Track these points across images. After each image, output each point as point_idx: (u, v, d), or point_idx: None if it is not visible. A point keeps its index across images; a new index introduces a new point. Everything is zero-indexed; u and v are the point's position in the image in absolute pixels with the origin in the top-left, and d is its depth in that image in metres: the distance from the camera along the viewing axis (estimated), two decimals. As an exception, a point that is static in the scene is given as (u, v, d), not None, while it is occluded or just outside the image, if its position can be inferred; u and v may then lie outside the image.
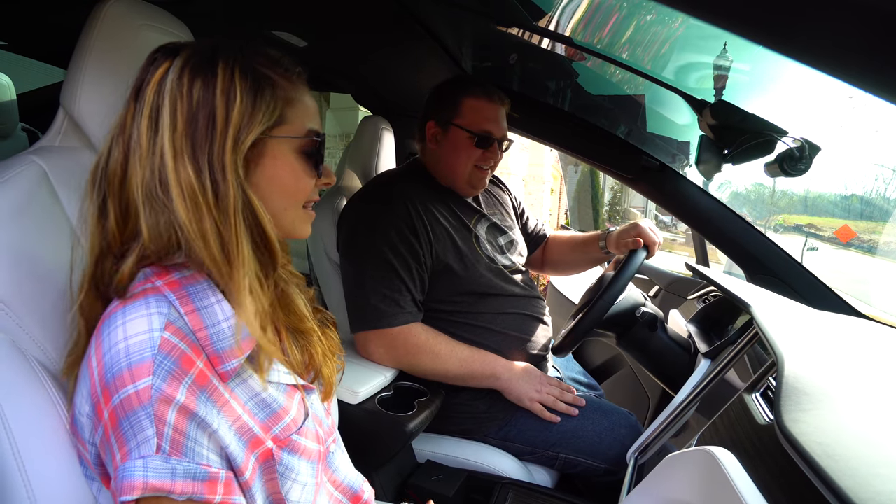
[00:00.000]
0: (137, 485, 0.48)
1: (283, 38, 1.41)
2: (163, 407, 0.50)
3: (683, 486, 0.74)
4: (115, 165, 0.57)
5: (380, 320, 1.24)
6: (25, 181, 0.66)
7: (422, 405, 1.18)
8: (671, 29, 1.22)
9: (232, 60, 0.57)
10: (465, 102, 1.33)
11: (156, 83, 0.55)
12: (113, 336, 0.52)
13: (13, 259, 0.62)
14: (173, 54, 0.57)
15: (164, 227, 0.55)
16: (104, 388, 0.50)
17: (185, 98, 0.55)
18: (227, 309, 0.58)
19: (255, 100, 0.58)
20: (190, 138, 0.55)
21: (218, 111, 0.56)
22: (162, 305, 0.54)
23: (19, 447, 0.56)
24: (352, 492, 0.77)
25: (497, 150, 1.35)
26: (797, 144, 1.13)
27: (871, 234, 3.76)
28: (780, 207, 4.88)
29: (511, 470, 1.25)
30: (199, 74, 0.56)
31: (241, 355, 0.57)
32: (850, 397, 0.65)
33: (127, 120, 0.57)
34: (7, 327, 0.61)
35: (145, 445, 0.49)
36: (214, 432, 0.53)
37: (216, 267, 0.55)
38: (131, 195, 0.56)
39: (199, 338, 0.55)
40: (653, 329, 1.28)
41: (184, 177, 0.54)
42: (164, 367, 0.51)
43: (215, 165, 0.55)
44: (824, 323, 1.00)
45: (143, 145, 0.55)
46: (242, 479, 0.55)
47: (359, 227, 1.32)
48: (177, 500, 0.50)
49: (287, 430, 0.62)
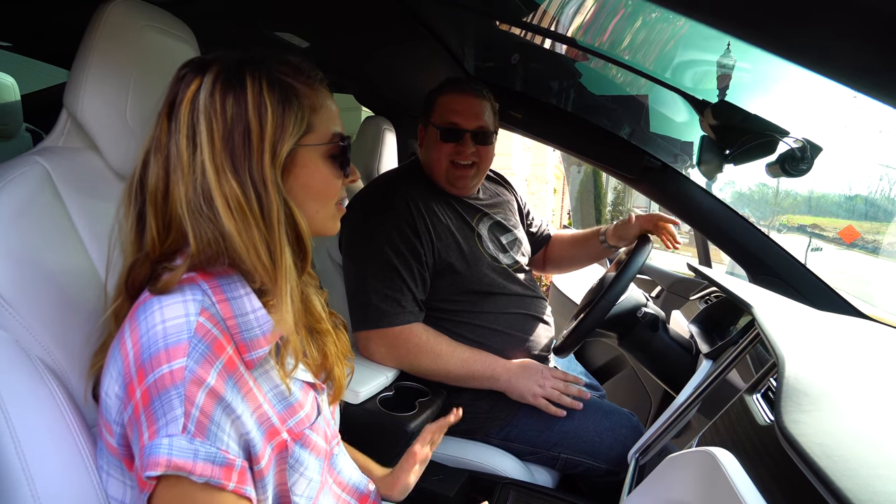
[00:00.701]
0: (161, 462, 0.50)
1: (285, 39, 1.41)
2: (193, 388, 0.52)
3: (684, 486, 0.74)
4: (155, 181, 0.58)
5: (381, 320, 1.24)
6: (29, 182, 0.67)
7: (423, 405, 1.19)
8: (673, 29, 1.22)
9: (258, 73, 0.59)
10: (438, 100, 1.35)
11: (189, 102, 0.57)
12: (150, 319, 0.54)
13: (17, 259, 0.63)
14: (202, 71, 0.59)
15: (211, 239, 0.57)
16: (139, 368, 0.52)
17: (220, 116, 0.57)
18: (254, 301, 0.60)
19: (284, 112, 0.60)
20: (229, 154, 0.57)
21: (252, 126, 0.58)
22: (196, 293, 0.56)
23: (22, 445, 0.57)
24: (358, 492, 0.78)
25: (469, 142, 1.32)
26: (799, 145, 1.13)
27: (876, 235, 3.75)
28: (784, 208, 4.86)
29: (512, 470, 1.26)
30: (229, 91, 0.58)
31: (267, 345, 0.60)
32: (851, 398, 0.65)
33: (162, 137, 0.59)
34: (10, 326, 0.61)
35: (173, 424, 0.51)
36: (238, 418, 0.55)
37: (266, 274, 0.58)
38: (174, 210, 0.58)
39: (229, 326, 0.57)
40: (654, 329, 1.28)
41: (228, 191, 0.56)
42: (199, 350, 0.53)
43: (256, 179, 0.58)
44: (826, 324, 1.00)
45: (183, 162, 0.57)
46: (258, 468, 0.57)
47: (361, 227, 1.33)
48: (195, 481, 0.51)
49: (301, 423, 0.64)
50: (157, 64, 0.79)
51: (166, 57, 0.81)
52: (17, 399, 0.58)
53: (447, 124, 1.32)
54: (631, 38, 1.34)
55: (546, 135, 1.84)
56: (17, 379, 0.59)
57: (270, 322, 0.60)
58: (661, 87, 1.36)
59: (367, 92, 2.07)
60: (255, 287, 0.61)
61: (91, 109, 0.73)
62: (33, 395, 0.59)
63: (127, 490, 0.59)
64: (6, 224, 0.63)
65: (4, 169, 0.67)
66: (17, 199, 0.65)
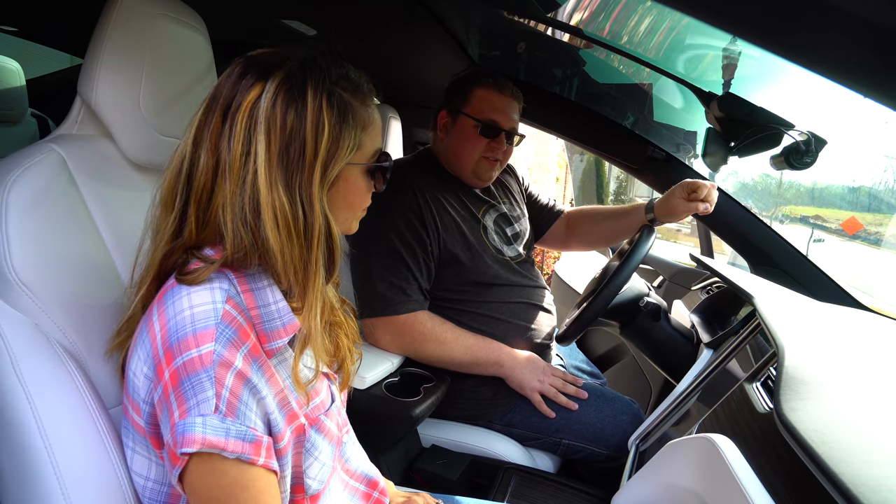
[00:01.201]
0: (197, 439, 0.52)
1: (292, 27, 1.41)
2: (222, 371, 0.54)
3: (683, 472, 0.76)
4: (202, 178, 0.59)
5: (386, 308, 1.26)
6: (45, 169, 0.68)
7: (428, 391, 1.21)
8: (679, 19, 1.21)
9: (321, 87, 0.59)
10: (475, 92, 1.34)
11: (248, 108, 0.57)
12: (178, 304, 0.56)
13: (34, 245, 0.64)
14: (264, 75, 0.58)
15: (248, 246, 0.58)
16: (167, 351, 0.54)
17: (279, 128, 0.57)
18: (276, 293, 0.62)
19: (340, 132, 0.60)
20: (283, 168, 0.58)
21: (308, 142, 0.58)
22: (223, 282, 0.58)
23: (45, 426, 0.58)
24: (368, 478, 0.80)
25: (503, 141, 1.35)
26: (803, 138, 1.13)
27: (878, 227, 3.74)
28: (787, 199, 4.85)
29: (514, 455, 1.28)
30: (292, 103, 0.58)
31: (286, 337, 0.62)
32: (848, 387, 0.66)
33: (213, 137, 0.58)
34: (30, 311, 0.63)
35: (205, 405, 0.53)
36: (262, 398, 0.57)
37: (296, 286, 0.60)
38: (215, 210, 0.59)
39: (252, 315, 0.59)
40: (656, 319, 1.29)
41: (279, 205, 0.57)
42: (226, 335, 0.55)
43: (304, 196, 0.58)
44: (826, 315, 1.02)
45: (234, 167, 0.57)
46: (278, 447, 0.59)
47: (367, 216, 1.33)
48: (227, 457, 0.53)
49: (316, 409, 0.66)
50: (168, 53, 0.80)
51: (178, 46, 0.82)
52: (39, 381, 0.60)
53: (488, 120, 1.32)
54: (637, 29, 1.34)
55: (550, 124, 1.84)
56: (38, 362, 0.61)
57: (291, 314, 0.62)
58: (666, 77, 1.36)
59: (372, 79, 2.06)
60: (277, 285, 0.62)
61: (105, 97, 0.74)
62: (53, 378, 0.61)
63: (152, 466, 0.61)
64: (24, 211, 0.64)
65: (21, 156, 0.68)
66: (33, 186, 0.66)
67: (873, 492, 0.44)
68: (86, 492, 0.60)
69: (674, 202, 1.32)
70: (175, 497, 0.61)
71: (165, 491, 0.61)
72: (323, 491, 0.67)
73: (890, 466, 0.49)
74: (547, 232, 1.64)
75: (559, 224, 1.64)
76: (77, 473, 0.59)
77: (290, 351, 0.65)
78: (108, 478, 0.61)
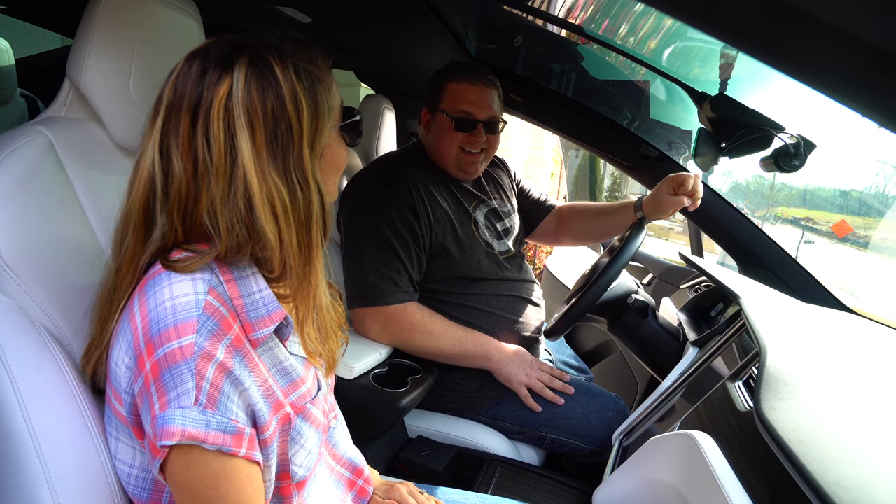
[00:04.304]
0: (176, 431, 0.52)
1: (287, 14, 1.40)
2: (203, 363, 0.53)
3: (664, 467, 0.77)
4: (181, 186, 0.57)
5: (377, 298, 1.26)
6: (32, 151, 0.68)
7: (415, 382, 1.21)
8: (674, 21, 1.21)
9: (285, 64, 0.58)
10: (448, 87, 1.34)
11: (222, 102, 0.55)
12: (160, 295, 0.55)
13: (20, 227, 0.63)
14: (228, 66, 0.56)
15: (243, 240, 0.57)
16: (148, 342, 0.53)
17: (261, 115, 0.56)
18: (260, 281, 0.62)
19: (316, 102, 0.60)
20: (273, 154, 0.57)
21: (293, 120, 0.57)
22: (205, 272, 0.58)
23: (29, 410, 0.58)
24: (353, 465, 0.81)
25: (481, 133, 1.33)
26: (793, 141, 1.14)
27: (867, 230, 3.78)
28: (779, 200, 4.87)
29: (500, 448, 1.29)
30: (267, 87, 0.57)
31: (271, 325, 0.61)
32: (827, 388, 0.67)
33: (184, 140, 0.56)
34: (14, 293, 0.62)
35: (185, 397, 0.52)
36: (245, 390, 0.57)
37: (295, 269, 0.59)
38: (201, 212, 0.57)
39: (236, 305, 0.59)
40: (644, 316, 1.30)
41: (275, 193, 0.56)
42: (207, 327, 0.54)
43: (298, 174, 0.58)
44: (810, 316, 1.03)
45: (219, 168, 0.56)
46: (263, 437, 0.59)
47: (360, 206, 1.34)
48: (207, 449, 0.53)
49: (303, 398, 0.66)
50: (160, 37, 0.79)
51: (169, 30, 0.81)
52: (22, 365, 0.59)
53: (460, 114, 1.32)
54: (630, 27, 1.34)
55: (545, 119, 1.84)
56: (22, 345, 0.60)
57: (276, 303, 0.62)
58: (660, 76, 1.36)
59: (367, 69, 2.06)
60: (265, 274, 0.62)
61: (94, 81, 0.73)
62: (37, 361, 0.61)
63: (136, 454, 0.61)
64: (9, 193, 0.64)
65: (7, 138, 0.67)
66: (20, 168, 0.66)
67: (845, 491, 0.45)
68: (69, 476, 0.60)
69: (661, 198, 1.33)
70: (160, 484, 0.61)
71: (150, 478, 0.61)
72: (309, 477, 0.67)
73: (863, 466, 0.50)
74: (537, 227, 1.65)
75: (550, 219, 1.65)
76: (61, 458, 0.59)
77: (275, 340, 0.64)
78: (92, 462, 0.61)
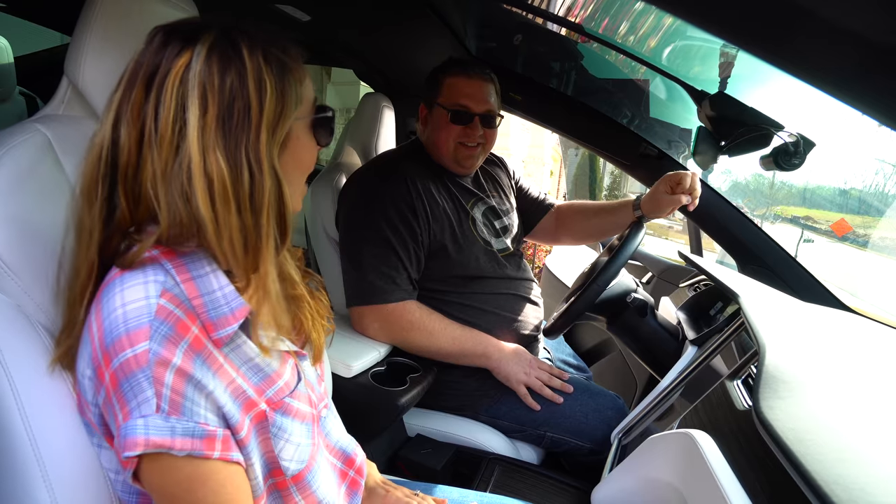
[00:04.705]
0: (140, 441, 0.51)
1: (286, 12, 1.40)
2: (160, 369, 0.52)
3: (663, 466, 0.77)
4: (125, 155, 0.55)
5: (376, 296, 1.26)
6: (30, 149, 0.67)
7: (414, 381, 1.21)
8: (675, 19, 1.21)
9: (254, 47, 0.56)
10: (445, 81, 1.35)
11: (179, 73, 0.54)
12: (111, 303, 0.53)
13: (17, 225, 0.63)
14: (190, 41, 0.55)
15: (185, 218, 0.54)
16: (104, 352, 0.52)
17: (217, 90, 0.54)
18: (221, 278, 0.59)
19: (283, 88, 0.58)
20: (223, 132, 0.54)
21: (252, 102, 0.55)
22: (158, 273, 0.55)
23: (26, 408, 0.58)
24: (345, 455, 0.79)
25: (478, 126, 1.34)
26: (792, 139, 1.14)
27: (867, 229, 3.77)
28: (779, 199, 4.87)
29: (499, 446, 1.29)
30: (229, 64, 0.55)
31: (235, 323, 0.58)
32: (826, 387, 0.67)
33: (134, 109, 0.55)
34: (12, 292, 0.62)
35: (145, 405, 0.51)
36: (210, 393, 0.55)
37: (234, 261, 0.56)
38: (144, 185, 0.55)
39: (195, 305, 0.56)
40: (643, 315, 1.30)
41: (216, 172, 0.53)
42: (161, 332, 0.52)
43: (252, 159, 0.55)
44: (809, 315, 1.03)
45: (164, 138, 0.54)
46: (238, 437, 0.57)
47: (359, 205, 1.33)
48: (177, 455, 0.52)
49: (280, 392, 0.63)
50: (158, 34, 0.78)
51: (168, 27, 0.80)
52: (20, 364, 0.59)
53: (457, 107, 1.32)
54: (632, 24, 1.34)
55: (545, 118, 1.83)
56: (20, 343, 0.60)
57: (239, 299, 0.59)
58: (659, 75, 1.36)
59: (366, 68, 2.05)
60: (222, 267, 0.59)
61: (92, 78, 0.73)
62: (35, 361, 0.61)
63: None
64: (7, 191, 0.63)
65: (5, 136, 0.67)
66: (17, 166, 0.65)
67: (844, 490, 0.45)
68: (68, 477, 0.60)
69: (658, 197, 1.34)
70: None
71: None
72: (308, 469, 0.66)
73: (862, 465, 0.50)
74: (536, 225, 1.65)
75: (548, 218, 1.65)
76: (59, 459, 0.59)
77: (242, 337, 0.62)
78: (91, 463, 0.61)
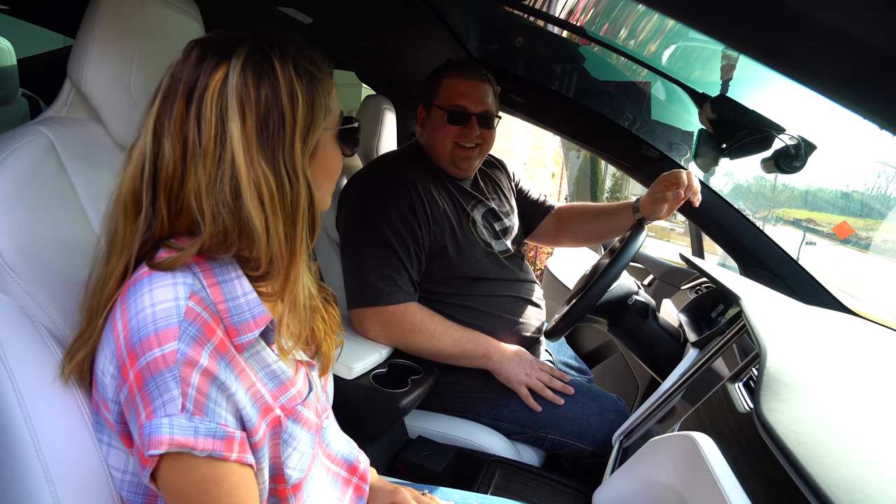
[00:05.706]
0: (164, 440, 0.51)
1: (288, 14, 1.40)
2: (187, 370, 0.53)
3: (664, 468, 0.77)
4: (170, 168, 0.57)
5: (377, 298, 1.26)
6: (33, 151, 0.67)
7: (415, 383, 1.21)
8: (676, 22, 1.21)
9: (285, 59, 0.59)
10: (443, 83, 1.35)
11: (217, 88, 0.56)
12: (140, 302, 0.54)
13: (21, 227, 0.63)
14: (226, 55, 0.57)
15: (229, 228, 0.57)
16: (130, 351, 0.53)
17: (254, 103, 0.56)
18: (245, 284, 0.61)
19: (313, 99, 0.60)
20: (262, 143, 0.57)
21: (286, 113, 0.58)
22: (187, 276, 0.57)
23: (29, 411, 0.58)
24: (347, 463, 0.80)
25: (475, 126, 1.33)
26: (793, 142, 1.14)
27: (869, 232, 3.77)
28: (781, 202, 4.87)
29: (500, 448, 1.29)
30: (263, 77, 0.57)
31: (256, 330, 0.60)
32: (827, 389, 0.67)
33: (177, 123, 0.57)
34: (16, 294, 0.62)
35: (171, 405, 0.52)
36: (232, 395, 0.56)
37: (280, 264, 0.59)
38: (188, 196, 0.57)
39: (219, 310, 0.58)
40: (644, 317, 1.30)
41: (263, 182, 0.56)
42: (189, 333, 0.54)
43: (289, 168, 0.58)
44: (810, 318, 1.03)
45: (208, 151, 0.56)
46: (253, 441, 0.58)
47: (360, 207, 1.34)
48: (198, 455, 0.53)
49: (293, 400, 0.65)
50: (160, 37, 0.78)
51: (170, 30, 0.81)
52: (23, 365, 0.60)
53: (454, 107, 1.33)
54: (633, 27, 1.34)
55: (546, 120, 1.84)
56: (23, 344, 0.61)
57: (261, 306, 0.61)
58: (661, 77, 1.36)
59: (368, 70, 2.06)
60: (249, 273, 0.61)
61: (95, 81, 0.73)
62: (38, 361, 0.61)
63: (129, 460, 0.61)
64: (10, 193, 0.64)
65: (8, 138, 0.67)
66: (21, 168, 0.66)
67: (844, 492, 0.45)
68: (70, 477, 0.60)
69: (656, 198, 1.34)
70: (153, 490, 0.60)
71: (143, 484, 0.60)
72: (304, 479, 0.67)
73: (862, 468, 0.50)
74: (537, 227, 1.65)
75: (549, 220, 1.65)
76: (61, 458, 0.59)
77: (262, 343, 0.64)
78: (93, 463, 0.61)
